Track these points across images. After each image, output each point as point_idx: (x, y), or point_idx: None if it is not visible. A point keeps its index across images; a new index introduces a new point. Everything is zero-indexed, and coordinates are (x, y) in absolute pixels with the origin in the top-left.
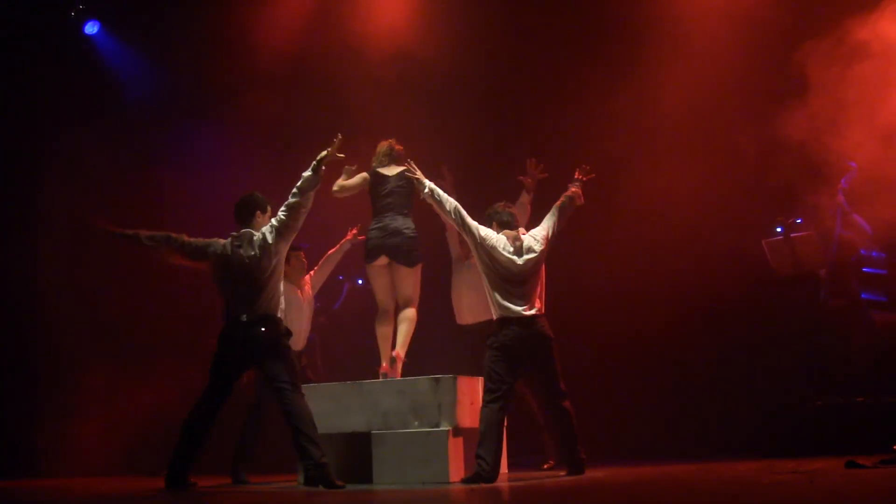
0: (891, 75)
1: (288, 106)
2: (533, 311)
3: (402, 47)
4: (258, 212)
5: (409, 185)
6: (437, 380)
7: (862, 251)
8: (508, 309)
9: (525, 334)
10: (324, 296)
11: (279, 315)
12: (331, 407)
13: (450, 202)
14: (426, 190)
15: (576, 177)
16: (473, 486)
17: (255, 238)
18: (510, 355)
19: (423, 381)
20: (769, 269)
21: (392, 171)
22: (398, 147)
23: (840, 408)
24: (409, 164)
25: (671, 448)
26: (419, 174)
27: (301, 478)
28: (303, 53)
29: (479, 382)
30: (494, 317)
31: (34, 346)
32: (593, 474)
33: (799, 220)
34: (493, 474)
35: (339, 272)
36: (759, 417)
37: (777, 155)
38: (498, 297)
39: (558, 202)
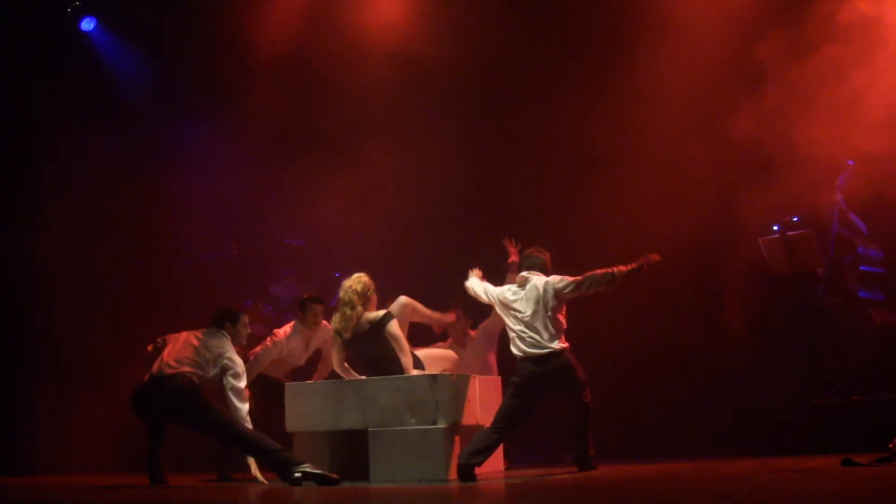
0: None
1: (288, 101)
2: (546, 350)
3: (402, 44)
4: (227, 323)
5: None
6: (433, 377)
7: (859, 249)
8: (519, 348)
9: (538, 372)
10: (322, 291)
11: (191, 372)
12: (327, 404)
13: (475, 288)
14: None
15: (637, 263)
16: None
17: (219, 354)
18: (525, 392)
19: (419, 378)
20: (766, 268)
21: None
22: (360, 298)
23: (837, 406)
24: (475, 270)
25: (668, 446)
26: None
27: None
28: (302, 49)
29: (477, 381)
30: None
31: (31, 341)
32: (589, 473)
33: (796, 219)
34: (464, 457)
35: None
36: (757, 416)
37: (772, 147)
38: (514, 338)
39: (597, 272)
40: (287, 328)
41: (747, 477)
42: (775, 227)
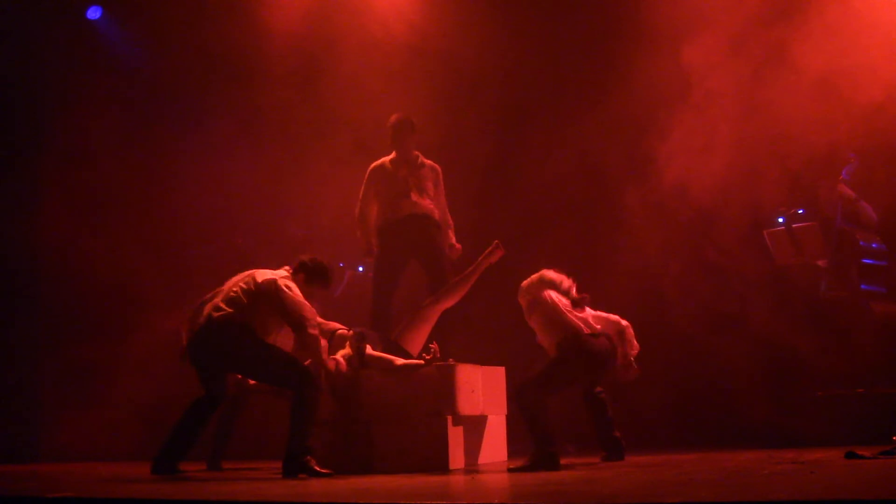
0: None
1: (294, 91)
2: None
3: (413, 36)
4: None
5: None
6: (437, 367)
7: (862, 242)
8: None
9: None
10: None
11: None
12: (329, 394)
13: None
14: None
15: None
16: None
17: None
18: (584, 374)
19: (423, 368)
20: (770, 260)
21: None
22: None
23: (840, 399)
24: None
25: (672, 437)
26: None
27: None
28: (313, 37)
29: (480, 370)
30: None
31: (32, 328)
32: (591, 461)
33: (801, 211)
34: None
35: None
36: (760, 408)
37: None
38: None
39: None
40: None
41: (751, 468)
42: (780, 220)
